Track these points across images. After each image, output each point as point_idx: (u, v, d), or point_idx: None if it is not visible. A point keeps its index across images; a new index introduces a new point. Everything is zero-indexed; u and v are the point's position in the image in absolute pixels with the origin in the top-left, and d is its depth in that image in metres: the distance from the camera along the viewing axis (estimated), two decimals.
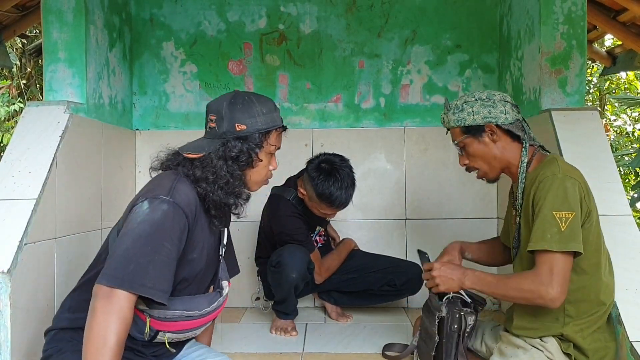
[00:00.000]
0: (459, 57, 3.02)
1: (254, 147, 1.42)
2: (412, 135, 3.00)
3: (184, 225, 1.32)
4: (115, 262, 1.24)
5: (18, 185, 1.95)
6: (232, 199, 1.41)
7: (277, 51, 3.05)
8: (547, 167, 1.55)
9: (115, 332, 1.18)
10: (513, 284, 1.52)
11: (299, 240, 2.43)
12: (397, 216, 2.99)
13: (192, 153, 1.41)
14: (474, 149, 1.68)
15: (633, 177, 6.30)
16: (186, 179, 1.38)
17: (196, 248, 1.39)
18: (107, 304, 1.20)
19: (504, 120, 1.64)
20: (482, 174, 1.73)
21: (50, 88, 2.39)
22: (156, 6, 3.05)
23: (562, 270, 1.46)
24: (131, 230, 1.26)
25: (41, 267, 1.91)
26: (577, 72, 2.41)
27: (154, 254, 1.24)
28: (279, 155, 3.10)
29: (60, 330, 1.40)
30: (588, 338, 1.54)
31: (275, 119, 1.48)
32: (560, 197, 1.48)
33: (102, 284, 1.21)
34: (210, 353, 1.56)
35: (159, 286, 1.25)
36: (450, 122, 1.71)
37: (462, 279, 1.62)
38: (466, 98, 1.69)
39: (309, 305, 2.95)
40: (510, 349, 1.60)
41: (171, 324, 1.36)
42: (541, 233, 1.48)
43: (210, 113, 1.45)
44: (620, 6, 2.64)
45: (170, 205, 1.29)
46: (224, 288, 1.53)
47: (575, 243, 1.46)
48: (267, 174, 1.52)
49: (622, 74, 6.68)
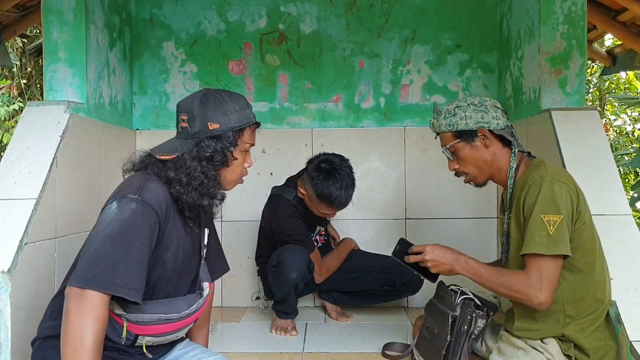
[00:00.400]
0: (459, 57, 3.02)
1: (228, 145, 1.40)
2: (412, 135, 3.00)
3: (155, 222, 1.30)
4: (85, 262, 1.22)
5: (18, 185, 1.95)
6: (207, 200, 1.39)
7: (277, 51, 3.05)
8: (535, 171, 1.56)
9: (91, 332, 1.17)
10: (504, 281, 1.54)
11: (299, 240, 2.43)
12: (397, 216, 2.99)
13: (164, 155, 1.38)
14: (466, 153, 1.69)
15: (633, 176, 6.30)
16: (157, 178, 1.36)
17: (170, 247, 1.36)
18: (80, 305, 1.18)
19: (495, 125, 1.65)
20: (471, 178, 1.74)
21: (51, 88, 2.39)
22: (156, 6, 3.05)
23: (552, 275, 1.48)
24: (101, 231, 1.26)
25: (41, 266, 1.92)
26: (577, 72, 2.41)
27: (124, 252, 1.23)
28: (279, 156, 3.10)
29: (44, 339, 1.38)
30: (589, 337, 1.55)
31: (248, 116, 1.46)
32: (548, 200, 1.50)
33: (73, 285, 1.20)
34: (205, 353, 1.54)
35: (130, 285, 1.23)
36: (442, 126, 1.71)
37: (454, 263, 1.63)
38: (458, 103, 1.70)
39: (309, 305, 2.95)
40: (511, 349, 1.60)
41: (149, 328, 1.34)
42: (531, 236, 1.50)
43: (181, 113, 1.42)
44: (620, 6, 2.64)
45: (138, 203, 1.27)
46: (204, 289, 1.50)
47: (562, 247, 1.48)
48: (242, 172, 1.50)
49: (622, 74, 6.68)
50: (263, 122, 3.03)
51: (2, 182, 1.96)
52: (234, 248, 2.97)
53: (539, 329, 1.58)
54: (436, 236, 2.94)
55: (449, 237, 2.91)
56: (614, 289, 1.70)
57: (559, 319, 1.56)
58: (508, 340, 1.64)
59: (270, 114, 3.04)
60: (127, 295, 1.23)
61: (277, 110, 3.05)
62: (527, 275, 1.49)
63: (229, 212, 2.97)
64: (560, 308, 1.55)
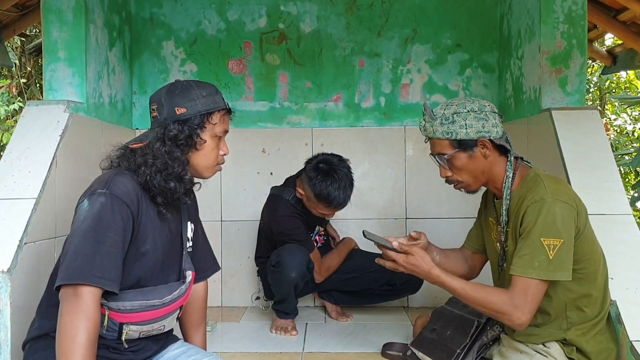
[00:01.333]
0: (459, 56, 3.01)
1: (195, 127, 1.42)
2: (412, 134, 3.00)
3: (127, 215, 1.32)
4: (66, 261, 1.26)
5: (18, 185, 1.95)
6: (173, 182, 1.40)
7: (277, 50, 3.04)
8: (534, 190, 1.51)
9: (83, 330, 1.20)
10: (483, 299, 1.50)
11: (298, 240, 2.42)
12: (397, 215, 2.99)
13: (135, 143, 1.43)
14: (463, 163, 1.60)
15: (633, 176, 6.30)
16: (128, 173, 1.39)
17: (147, 239, 1.38)
18: (70, 304, 1.22)
19: (495, 134, 1.57)
20: (464, 186, 1.67)
21: (50, 87, 2.39)
22: (156, 5, 3.04)
23: (538, 297, 1.46)
24: (76, 229, 1.30)
25: (41, 266, 1.91)
26: (578, 72, 2.40)
27: (98, 244, 1.26)
28: (279, 155, 3.10)
29: (33, 341, 1.41)
30: (591, 341, 1.54)
31: (216, 101, 1.47)
32: (549, 223, 1.45)
33: (60, 285, 1.24)
34: (199, 353, 1.54)
35: (107, 275, 1.26)
36: (437, 133, 1.60)
37: (425, 277, 1.59)
38: (456, 108, 1.58)
39: (309, 305, 2.95)
40: (512, 353, 1.59)
41: (132, 315, 1.36)
42: (529, 259, 1.45)
43: (152, 103, 1.47)
44: (620, 5, 2.64)
45: (107, 197, 1.31)
46: (187, 277, 1.52)
47: (562, 272, 1.44)
48: (216, 158, 1.50)
49: (622, 73, 6.68)
50: (263, 121, 3.07)
51: (2, 182, 1.96)
52: (234, 248, 2.97)
53: (540, 333, 1.57)
54: (436, 236, 2.93)
55: (449, 236, 2.91)
56: (614, 289, 1.69)
57: (561, 325, 1.55)
58: (509, 344, 1.63)
59: (270, 114, 3.04)
60: (105, 286, 1.26)
61: (277, 110, 3.05)
62: (511, 296, 1.45)
63: (229, 211, 2.97)
64: (563, 315, 1.54)
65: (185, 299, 1.52)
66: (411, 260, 1.59)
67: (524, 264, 1.45)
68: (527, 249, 1.46)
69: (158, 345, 1.51)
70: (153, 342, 1.48)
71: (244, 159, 2.96)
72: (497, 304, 1.47)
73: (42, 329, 1.39)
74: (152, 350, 1.49)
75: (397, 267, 1.63)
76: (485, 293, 1.51)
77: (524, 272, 1.45)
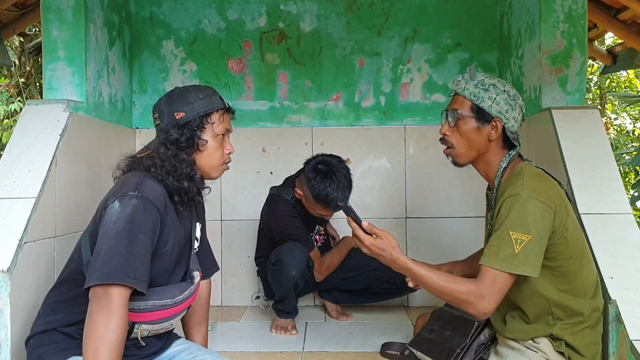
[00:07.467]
0: (459, 55, 3.01)
1: (195, 129, 1.46)
2: (413, 133, 3.00)
3: (157, 217, 1.36)
4: (100, 261, 1.27)
5: (18, 184, 1.95)
6: (186, 182, 1.44)
7: (277, 49, 3.04)
8: (513, 185, 1.51)
9: (112, 330, 1.21)
10: (449, 289, 1.48)
11: (297, 239, 2.42)
12: (397, 215, 2.99)
13: (141, 153, 1.49)
14: (468, 129, 1.60)
15: (633, 175, 6.31)
16: (150, 175, 1.42)
17: (168, 241, 1.42)
18: (101, 303, 1.23)
19: (511, 125, 1.59)
20: (454, 153, 1.65)
21: (50, 86, 2.39)
22: (156, 4, 3.04)
23: (505, 288, 1.46)
24: (108, 230, 1.31)
25: (41, 265, 1.91)
26: (578, 71, 2.40)
27: (131, 246, 1.29)
28: (279, 155, 3.11)
29: (38, 335, 1.42)
30: (577, 335, 1.55)
31: (213, 102, 1.51)
32: (519, 218, 1.45)
33: (92, 284, 1.25)
34: (200, 351, 1.56)
35: (139, 276, 1.29)
36: (466, 91, 1.60)
37: (390, 263, 1.55)
38: (495, 82, 1.60)
39: (309, 304, 2.95)
40: (505, 349, 1.61)
41: (145, 315, 1.38)
42: (496, 250, 1.46)
43: (154, 113, 1.53)
44: (620, 4, 2.64)
45: (139, 199, 1.33)
46: (195, 277, 1.55)
47: (525, 267, 1.44)
48: (222, 157, 1.53)
49: (622, 73, 6.68)
50: (263, 121, 3.07)
51: (2, 181, 1.95)
52: (234, 247, 2.97)
53: (528, 330, 1.58)
54: (436, 235, 2.94)
55: (449, 235, 2.91)
56: (614, 289, 1.69)
57: (548, 321, 1.56)
58: (503, 342, 1.64)
59: (270, 113, 3.04)
60: (138, 286, 1.28)
61: (277, 109, 3.05)
62: (479, 286, 1.46)
63: (229, 211, 2.97)
64: (549, 311, 1.55)
65: (194, 298, 1.55)
66: (379, 243, 1.54)
67: (490, 255, 1.47)
68: (495, 240, 1.48)
69: (162, 342, 1.53)
70: (157, 339, 1.50)
71: (244, 159, 2.96)
72: (463, 293, 1.47)
73: (48, 324, 1.40)
74: (157, 347, 1.51)
75: (363, 247, 1.56)
76: (452, 282, 1.50)
77: (488, 262, 1.46)
